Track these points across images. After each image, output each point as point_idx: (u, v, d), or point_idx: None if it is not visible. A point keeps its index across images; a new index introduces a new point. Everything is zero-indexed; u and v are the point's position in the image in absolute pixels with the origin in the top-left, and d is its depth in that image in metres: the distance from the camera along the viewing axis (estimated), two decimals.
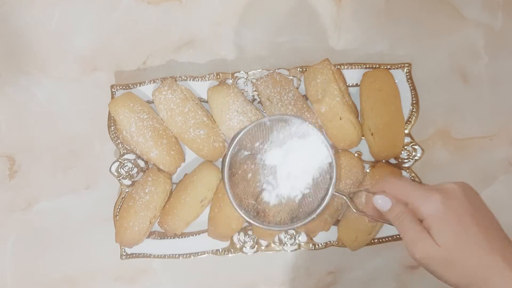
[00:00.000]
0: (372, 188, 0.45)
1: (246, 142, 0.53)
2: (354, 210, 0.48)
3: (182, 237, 0.61)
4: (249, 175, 0.52)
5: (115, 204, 0.61)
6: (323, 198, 0.50)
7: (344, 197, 0.49)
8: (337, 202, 0.58)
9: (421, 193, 0.41)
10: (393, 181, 0.44)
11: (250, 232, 0.61)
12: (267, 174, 0.52)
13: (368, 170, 0.61)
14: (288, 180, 0.52)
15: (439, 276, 0.39)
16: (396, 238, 0.60)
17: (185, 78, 0.62)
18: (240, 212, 0.51)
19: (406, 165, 0.60)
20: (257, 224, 0.51)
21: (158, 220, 0.60)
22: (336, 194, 0.49)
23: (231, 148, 0.52)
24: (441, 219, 0.39)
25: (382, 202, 0.43)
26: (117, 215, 0.61)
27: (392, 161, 0.61)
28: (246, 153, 0.52)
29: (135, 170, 0.61)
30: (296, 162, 0.52)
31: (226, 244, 0.61)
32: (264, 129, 0.52)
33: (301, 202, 0.52)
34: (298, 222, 0.50)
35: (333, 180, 0.49)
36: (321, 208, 0.49)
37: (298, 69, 0.61)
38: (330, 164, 0.50)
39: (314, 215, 0.49)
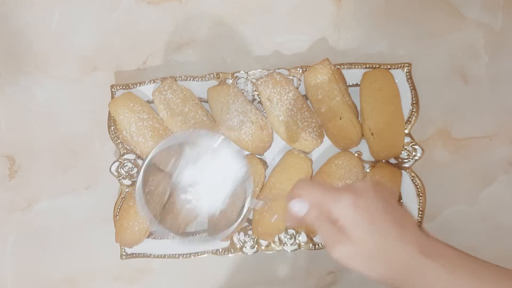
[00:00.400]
0: (289, 194, 0.45)
1: (159, 163, 0.51)
2: (273, 218, 0.48)
3: (182, 237, 0.61)
4: (166, 195, 0.51)
5: (115, 204, 0.61)
6: (242, 208, 0.49)
7: (262, 205, 0.49)
8: None
9: (331, 195, 0.41)
10: (304, 185, 0.44)
11: (250, 232, 0.61)
12: (185, 191, 0.51)
13: (368, 170, 0.61)
14: (206, 195, 0.50)
15: (361, 273, 0.40)
16: None
17: (185, 78, 0.62)
18: (157, 231, 0.49)
19: (406, 165, 0.60)
20: (177, 242, 0.50)
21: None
22: (254, 204, 0.49)
23: (142, 170, 0.49)
24: (353, 218, 0.40)
25: (298, 207, 0.43)
26: (117, 215, 0.61)
27: (392, 161, 0.61)
28: (160, 174, 0.51)
29: (135, 170, 0.61)
30: (212, 176, 0.51)
31: (226, 244, 0.61)
32: (175, 147, 0.51)
33: (222, 215, 0.51)
34: (219, 234, 0.49)
35: (249, 191, 0.48)
36: (240, 218, 0.48)
37: (298, 69, 0.61)
38: (246, 174, 0.49)
39: (235, 225, 0.49)
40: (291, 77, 0.61)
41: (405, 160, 0.60)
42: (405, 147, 0.60)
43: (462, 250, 0.41)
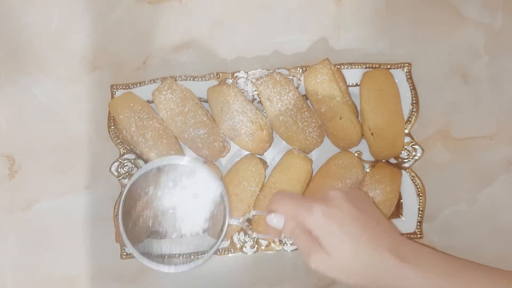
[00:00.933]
0: (266, 209, 0.46)
1: (138, 191, 0.52)
2: (254, 234, 0.51)
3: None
4: (150, 223, 0.51)
5: (115, 204, 0.61)
6: (221, 229, 0.50)
7: (240, 224, 0.50)
8: None
9: (304, 207, 0.42)
10: (278, 199, 0.45)
11: (250, 232, 0.61)
12: (166, 217, 0.51)
13: (368, 170, 0.61)
14: (187, 219, 0.51)
15: (339, 281, 0.41)
16: None
17: (185, 78, 0.62)
18: (144, 262, 0.50)
19: (406, 165, 0.60)
20: (165, 270, 0.50)
21: None
22: (232, 222, 0.50)
23: (121, 202, 0.50)
24: (325, 228, 0.41)
25: (275, 221, 0.44)
26: (117, 215, 0.61)
27: (392, 160, 0.61)
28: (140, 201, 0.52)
29: (135, 170, 0.61)
30: (191, 199, 0.52)
31: (226, 244, 0.61)
32: (152, 174, 0.51)
33: (204, 237, 0.52)
34: (203, 257, 0.50)
35: (227, 210, 0.50)
36: (220, 239, 0.50)
37: (298, 69, 0.61)
38: (221, 194, 0.50)
39: (216, 247, 0.50)
40: (291, 77, 0.61)
41: (405, 160, 0.60)
42: (405, 147, 0.60)
43: (438, 250, 0.42)
